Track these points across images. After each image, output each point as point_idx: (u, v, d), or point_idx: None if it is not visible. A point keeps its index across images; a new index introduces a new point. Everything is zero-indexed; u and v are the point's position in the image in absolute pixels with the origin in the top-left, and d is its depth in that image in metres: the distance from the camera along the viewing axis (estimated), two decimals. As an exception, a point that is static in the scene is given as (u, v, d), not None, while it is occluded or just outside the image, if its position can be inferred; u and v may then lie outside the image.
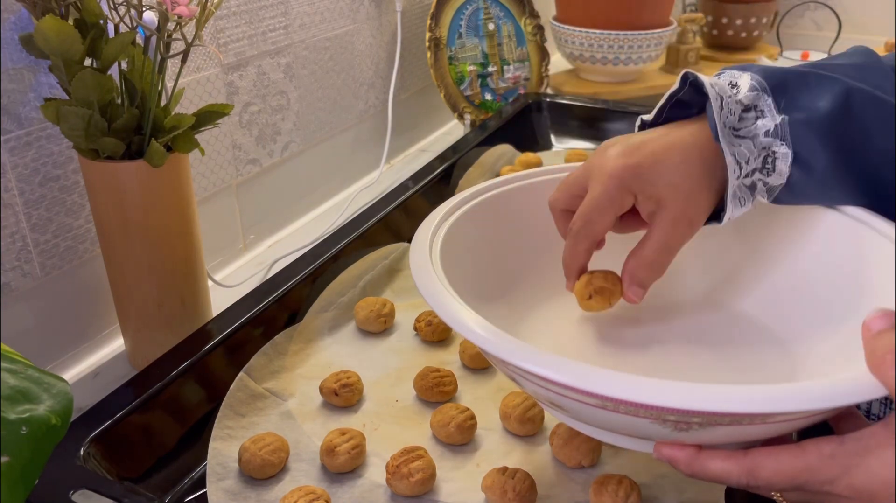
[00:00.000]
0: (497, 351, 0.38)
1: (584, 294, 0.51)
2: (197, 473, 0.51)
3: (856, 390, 0.34)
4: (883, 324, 0.35)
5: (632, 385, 0.34)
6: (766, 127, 0.46)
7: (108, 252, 0.62)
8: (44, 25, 0.51)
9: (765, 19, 1.41)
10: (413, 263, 0.46)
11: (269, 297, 0.62)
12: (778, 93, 0.46)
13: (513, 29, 1.18)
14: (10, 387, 0.35)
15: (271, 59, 0.84)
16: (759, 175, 0.46)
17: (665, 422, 0.36)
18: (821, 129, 0.45)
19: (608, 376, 0.35)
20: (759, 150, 0.46)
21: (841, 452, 0.35)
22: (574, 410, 0.40)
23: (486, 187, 0.55)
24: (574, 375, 0.35)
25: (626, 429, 0.39)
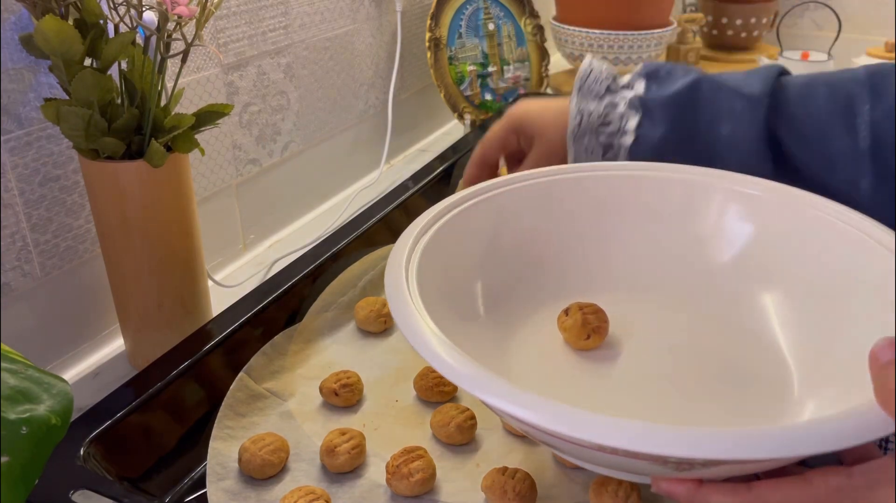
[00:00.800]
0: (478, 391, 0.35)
1: (581, 334, 0.50)
2: (197, 473, 0.51)
3: (866, 428, 0.32)
4: (891, 355, 0.33)
5: (630, 433, 0.32)
6: (626, 97, 0.60)
7: (108, 252, 0.62)
8: (44, 25, 0.51)
9: (765, 19, 1.41)
10: (388, 284, 0.43)
11: (269, 297, 0.63)
12: (650, 77, 0.61)
13: (513, 29, 1.18)
14: (10, 387, 0.35)
15: (271, 59, 0.84)
16: (615, 137, 0.60)
17: (666, 464, 0.34)
18: (668, 104, 0.58)
19: (605, 424, 0.33)
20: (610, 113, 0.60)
21: (849, 485, 0.34)
22: (567, 450, 0.38)
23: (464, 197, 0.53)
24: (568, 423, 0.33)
25: (624, 467, 0.38)
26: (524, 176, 0.56)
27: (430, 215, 0.50)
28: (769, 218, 0.52)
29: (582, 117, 0.60)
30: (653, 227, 0.56)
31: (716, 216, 0.55)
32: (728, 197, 0.54)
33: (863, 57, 1.30)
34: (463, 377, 0.36)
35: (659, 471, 0.35)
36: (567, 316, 0.51)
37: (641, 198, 0.56)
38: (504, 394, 0.35)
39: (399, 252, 0.46)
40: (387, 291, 0.43)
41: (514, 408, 0.34)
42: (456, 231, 0.51)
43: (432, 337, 0.39)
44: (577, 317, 0.50)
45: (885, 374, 0.33)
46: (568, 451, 0.39)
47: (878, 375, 0.33)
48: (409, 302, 0.41)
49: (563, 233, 0.56)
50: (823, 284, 0.48)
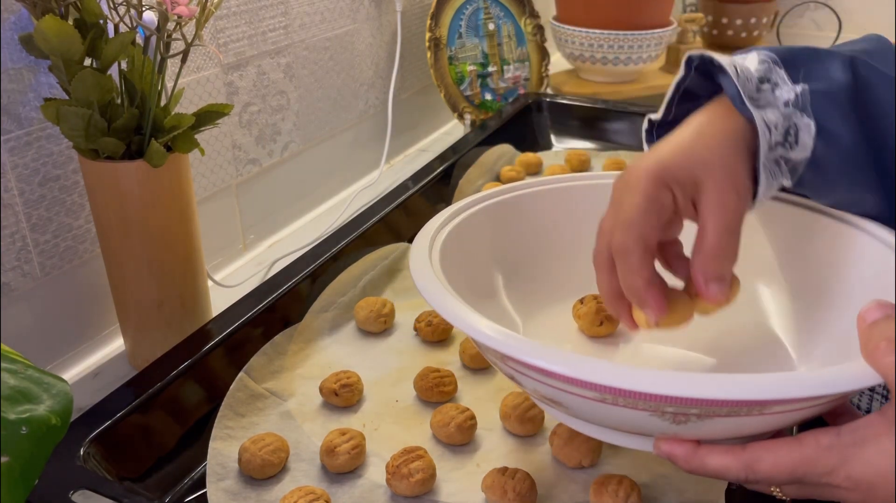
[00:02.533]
0: (495, 345, 0.38)
1: (595, 321, 0.53)
2: (197, 473, 0.51)
3: (851, 378, 0.34)
4: (878, 314, 0.36)
5: (628, 374, 0.35)
6: (785, 97, 0.43)
7: (108, 252, 0.62)
8: (44, 25, 0.51)
9: (765, 19, 1.41)
10: (413, 265, 0.46)
11: (269, 297, 0.62)
12: (790, 66, 0.44)
13: (513, 29, 1.18)
14: (10, 387, 0.35)
15: (271, 59, 0.84)
16: (781, 150, 0.43)
17: (664, 415, 0.36)
18: (841, 98, 0.43)
19: (605, 366, 0.35)
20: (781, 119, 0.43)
21: (838, 443, 0.35)
22: (572, 406, 0.40)
23: (483, 197, 0.55)
24: (571, 366, 0.36)
25: (625, 423, 0.39)
26: (540, 181, 0.58)
27: (449, 212, 0.53)
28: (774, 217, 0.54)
29: (770, 132, 0.43)
30: None
31: None
32: None
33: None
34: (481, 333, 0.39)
35: (658, 424, 0.37)
36: (582, 304, 0.54)
37: None
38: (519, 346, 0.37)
39: (421, 245, 0.48)
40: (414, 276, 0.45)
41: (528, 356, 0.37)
42: (474, 228, 0.53)
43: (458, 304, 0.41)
44: (591, 305, 0.53)
45: (870, 332, 0.35)
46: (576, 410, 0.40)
47: (864, 333, 0.36)
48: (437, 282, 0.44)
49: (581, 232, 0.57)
50: (820, 276, 0.50)
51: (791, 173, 0.44)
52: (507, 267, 0.55)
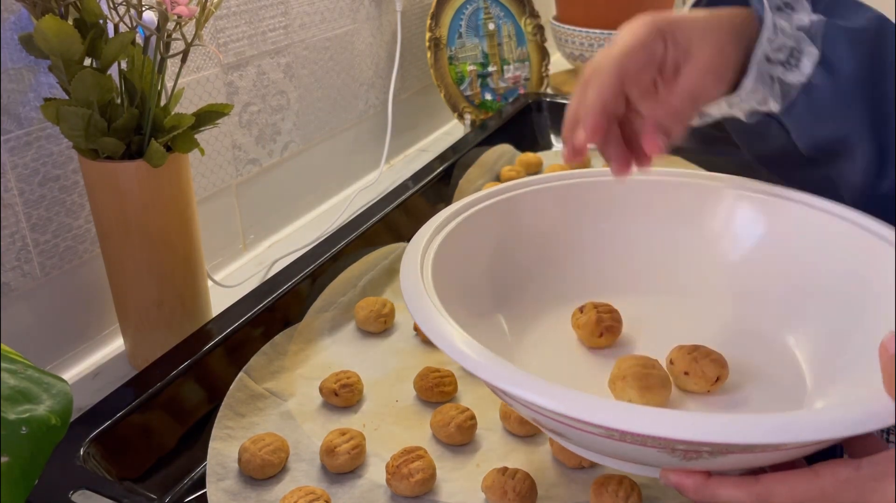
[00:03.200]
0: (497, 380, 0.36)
1: (595, 332, 0.51)
2: (197, 473, 0.51)
3: (874, 417, 0.32)
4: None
5: (639, 416, 0.33)
6: (799, 22, 0.45)
7: (108, 252, 0.62)
8: (44, 25, 0.51)
9: (765, 19, 1.41)
10: (404, 280, 0.44)
11: (269, 297, 0.62)
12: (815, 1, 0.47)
13: (513, 29, 1.18)
14: (10, 387, 0.35)
15: (271, 59, 0.84)
16: (780, 69, 0.45)
17: (674, 452, 0.35)
18: (853, 38, 0.44)
19: (614, 408, 0.33)
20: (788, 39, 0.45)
21: (857, 477, 0.33)
22: (577, 439, 0.39)
23: (482, 197, 0.54)
24: (578, 406, 0.34)
25: (633, 457, 0.38)
26: (539, 179, 0.57)
27: (446, 213, 0.51)
28: (778, 220, 0.53)
29: (776, 34, 0.45)
30: (666, 230, 0.56)
31: (726, 219, 0.55)
32: (738, 200, 0.55)
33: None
34: (479, 365, 0.37)
35: (667, 460, 0.36)
36: (581, 313, 0.52)
37: (655, 201, 0.57)
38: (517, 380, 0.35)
39: (414, 249, 0.47)
40: (402, 286, 0.43)
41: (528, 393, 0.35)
42: (472, 230, 0.52)
43: (449, 327, 0.39)
44: (591, 314, 0.51)
45: (894, 364, 0.33)
46: (578, 441, 0.39)
47: (887, 366, 0.33)
48: (424, 295, 0.42)
49: (579, 234, 0.56)
50: (832, 284, 0.49)
51: (783, 96, 0.45)
52: (504, 272, 0.54)
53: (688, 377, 0.46)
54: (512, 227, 0.55)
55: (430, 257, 0.47)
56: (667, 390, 0.45)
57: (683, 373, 0.46)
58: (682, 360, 0.47)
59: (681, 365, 0.46)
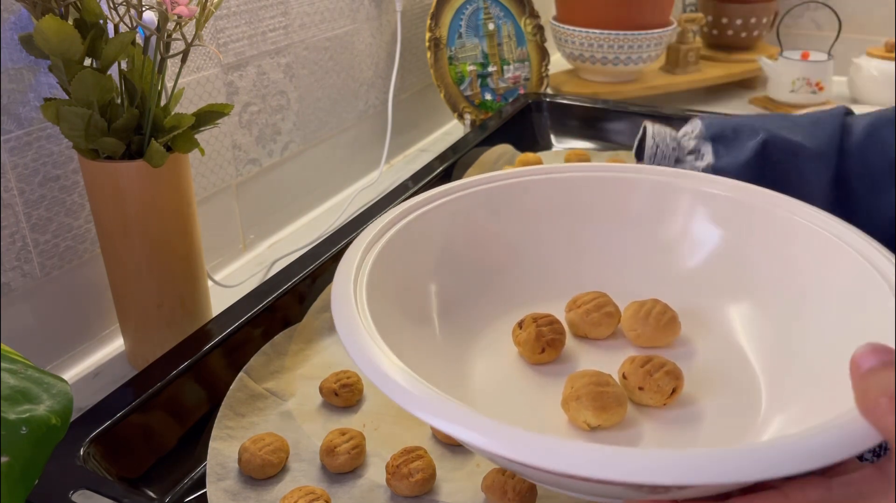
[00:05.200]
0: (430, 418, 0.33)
1: (535, 349, 0.48)
2: (197, 473, 0.51)
3: (850, 441, 0.30)
4: (874, 361, 0.31)
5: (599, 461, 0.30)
6: (699, 167, 0.61)
7: (108, 252, 0.62)
8: (44, 25, 0.51)
9: (765, 19, 1.41)
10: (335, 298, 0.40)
11: (269, 297, 0.62)
12: (716, 140, 0.61)
13: (513, 29, 1.18)
14: (10, 387, 0.35)
15: (271, 59, 0.84)
16: None
17: (640, 488, 0.32)
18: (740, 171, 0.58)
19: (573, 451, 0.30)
20: None
21: (829, 499, 0.32)
22: (535, 478, 0.37)
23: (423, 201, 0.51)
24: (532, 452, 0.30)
25: (595, 492, 0.35)
26: (481, 180, 0.54)
27: (383, 222, 0.48)
28: (739, 221, 0.51)
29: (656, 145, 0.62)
30: (617, 231, 0.54)
31: (684, 219, 0.53)
32: (696, 198, 0.53)
33: (863, 57, 1.30)
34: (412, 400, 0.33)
35: (632, 495, 0.34)
36: (521, 329, 0.49)
37: (605, 200, 0.54)
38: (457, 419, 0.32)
39: (349, 261, 0.44)
40: (332, 306, 0.40)
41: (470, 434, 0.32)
42: (411, 238, 0.49)
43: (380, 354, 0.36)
44: (530, 330, 0.48)
45: (867, 382, 0.31)
46: (531, 477, 0.37)
47: (860, 384, 0.31)
48: (357, 318, 0.39)
49: (523, 237, 0.54)
50: (793, 289, 0.47)
51: None
52: (448, 279, 0.50)
53: (643, 392, 0.44)
54: (453, 233, 0.52)
55: (366, 271, 0.44)
56: (623, 408, 0.43)
57: (638, 389, 0.44)
58: (635, 375, 0.44)
59: (634, 379, 0.44)
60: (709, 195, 0.53)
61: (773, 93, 1.29)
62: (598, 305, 0.50)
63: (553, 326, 0.49)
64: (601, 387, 0.42)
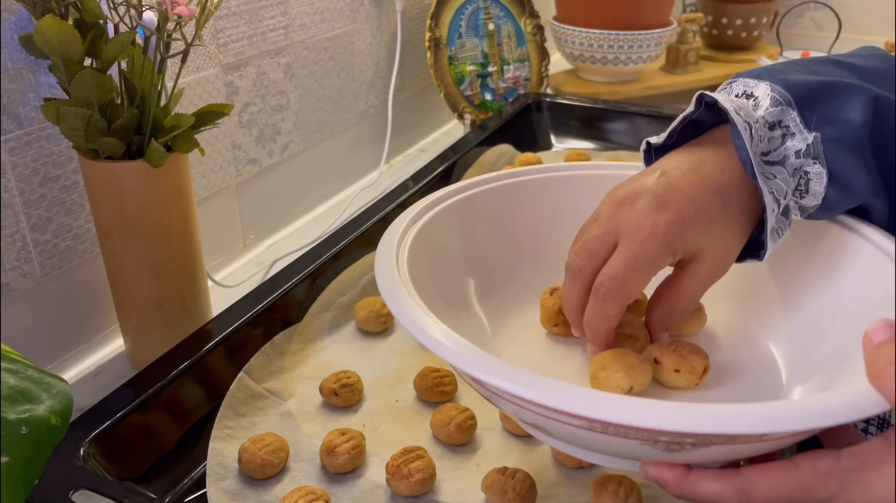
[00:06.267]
0: (473, 369, 0.35)
1: (551, 321, 0.50)
2: (197, 473, 0.51)
3: (857, 406, 0.32)
4: (885, 335, 0.34)
5: (622, 406, 0.32)
6: (796, 147, 0.42)
7: (108, 252, 0.62)
8: (44, 25, 0.51)
9: (765, 19, 1.41)
10: (378, 268, 0.43)
11: (269, 297, 0.62)
12: (804, 106, 0.43)
13: (513, 29, 1.18)
14: (10, 387, 0.35)
15: (271, 59, 0.84)
16: (792, 199, 0.43)
17: (657, 444, 0.34)
18: (855, 144, 0.42)
19: (595, 398, 0.33)
20: (791, 173, 0.42)
21: (838, 468, 0.33)
22: (557, 431, 0.38)
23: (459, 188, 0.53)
24: (558, 397, 0.33)
25: (614, 450, 0.37)
26: (523, 171, 0.56)
27: (422, 205, 0.51)
28: None
29: (779, 204, 0.42)
30: None
31: None
32: None
33: (863, 57, 1.30)
34: (454, 354, 0.36)
35: (649, 452, 0.35)
36: (550, 295, 0.51)
37: None
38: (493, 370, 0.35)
39: (389, 241, 0.46)
40: (378, 278, 0.43)
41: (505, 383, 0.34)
42: (448, 222, 0.51)
43: (426, 317, 0.39)
44: (557, 301, 0.49)
45: (878, 354, 0.33)
46: (557, 433, 0.38)
47: (871, 355, 0.33)
48: (401, 288, 0.42)
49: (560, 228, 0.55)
50: (807, 276, 0.49)
51: (801, 213, 0.44)
52: (482, 265, 0.53)
53: (679, 374, 0.45)
54: (491, 220, 0.54)
55: (406, 249, 0.46)
56: (649, 370, 0.45)
57: (674, 371, 0.45)
58: (669, 358, 0.45)
59: (669, 363, 0.45)
60: None
61: (773, 93, 1.28)
62: None
63: None
64: (624, 356, 0.44)
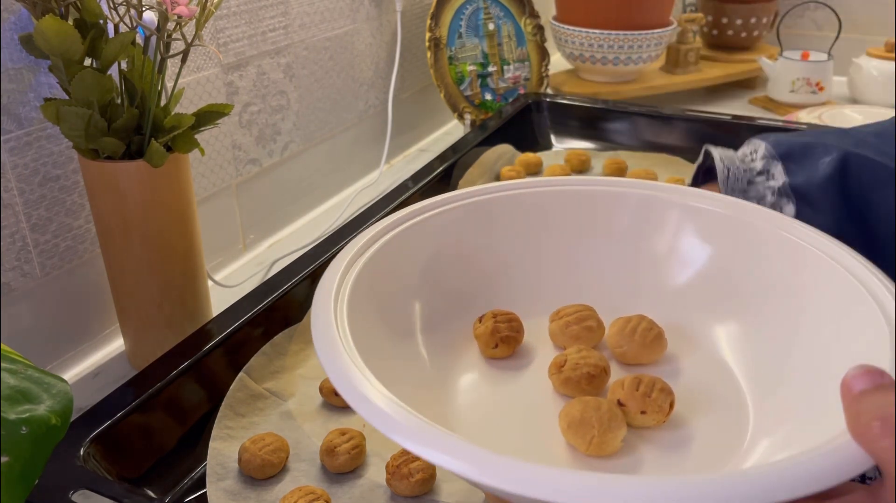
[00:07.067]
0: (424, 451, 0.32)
1: (490, 342, 0.48)
2: (197, 473, 0.51)
3: (842, 466, 0.29)
4: (866, 384, 0.31)
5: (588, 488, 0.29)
6: (773, 187, 0.56)
7: (108, 252, 0.62)
8: (44, 25, 0.51)
9: (765, 19, 1.41)
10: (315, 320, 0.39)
11: (269, 297, 0.62)
12: (786, 159, 0.56)
13: (513, 29, 1.18)
14: (10, 387, 0.35)
15: (271, 59, 0.84)
16: None
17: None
18: (820, 189, 0.53)
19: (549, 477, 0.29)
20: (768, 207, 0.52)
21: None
22: None
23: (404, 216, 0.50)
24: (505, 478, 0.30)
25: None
26: (466, 193, 0.53)
27: (365, 237, 0.48)
28: (727, 238, 0.50)
29: None
30: (604, 246, 0.53)
31: (672, 235, 0.52)
32: (685, 213, 0.52)
33: (863, 57, 1.30)
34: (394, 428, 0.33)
35: None
36: (480, 323, 0.49)
37: (593, 214, 0.53)
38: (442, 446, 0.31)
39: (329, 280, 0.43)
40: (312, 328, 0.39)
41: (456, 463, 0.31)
42: (393, 253, 0.48)
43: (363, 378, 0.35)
44: (488, 324, 0.48)
45: (860, 405, 0.30)
46: None
47: (851, 407, 0.31)
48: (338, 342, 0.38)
49: (510, 251, 0.53)
50: (782, 309, 0.46)
51: None
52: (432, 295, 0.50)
53: (645, 415, 0.43)
54: (437, 248, 0.51)
55: (350, 279, 0.43)
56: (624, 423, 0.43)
57: (640, 413, 0.43)
58: (633, 400, 0.43)
59: (634, 405, 0.43)
60: (697, 210, 0.51)
61: (773, 93, 1.29)
62: (579, 318, 0.49)
63: (511, 324, 0.49)
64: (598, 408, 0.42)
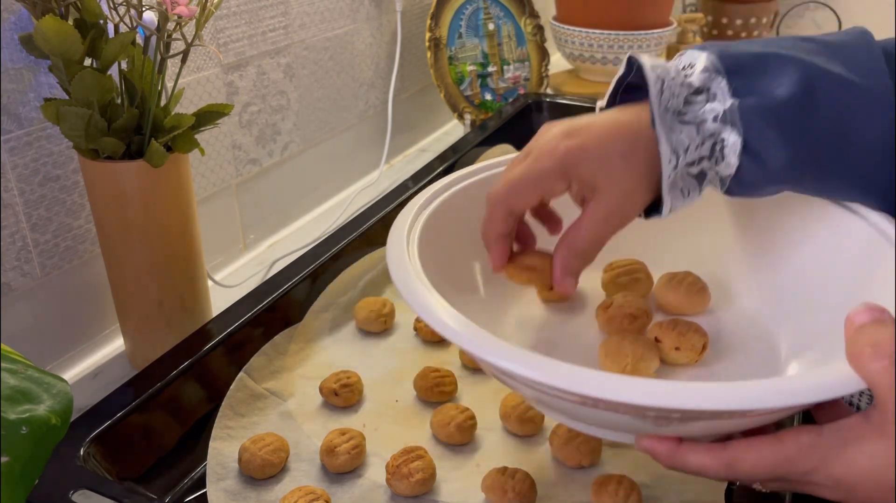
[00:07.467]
0: (473, 348, 0.37)
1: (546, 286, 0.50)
2: (197, 473, 0.51)
3: (835, 385, 0.34)
4: (866, 318, 0.35)
5: (607, 384, 0.34)
6: (714, 111, 0.41)
7: (108, 252, 0.62)
8: (44, 25, 0.51)
9: (765, 19, 1.41)
10: (390, 255, 0.45)
11: (269, 297, 0.62)
12: (733, 75, 0.42)
13: (513, 29, 1.18)
14: (10, 387, 0.35)
15: (271, 59, 0.84)
16: (707, 163, 0.42)
17: (645, 418, 0.36)
18: (776, 117, 0.41)
19: (584, 375, 0.35)
20: (704, 137, 0.42)
21: (819, 443, 0.35)
22: (556, 406, 0.40)
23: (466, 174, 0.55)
24: (548, 373, 0.35)
25: (608, 423, 0.39)
26: None
27: (431, 191, 0.52)
28: None
29: (678, 157, 0.42)
30: None
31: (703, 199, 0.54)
32: None
33: (863, 57, 1.30)
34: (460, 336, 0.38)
35: (640, 426, 0.37)
36: None
37: None
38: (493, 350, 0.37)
39: (400, 226, 0.47)
40: (388, 260, 0.44)
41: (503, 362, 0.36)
42: (457, 207, 0.52)
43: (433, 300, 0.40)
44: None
45: (856, 336, 0.35)
46: (559, 409, 0.41)
47: (851, 337, 0.35)
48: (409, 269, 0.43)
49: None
50: (803, 258, 0.50)
51: (720, 183, 0.43)
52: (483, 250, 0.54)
53: (679, 352, 0.48)
54: None
55: (415, 240, 0.47)
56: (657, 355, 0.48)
57: (675, 349, 0.48)
58: (668, 337, 0.48)
59: (669, 341, 0.48)
60: None
61: (773, 93, 1.28)
62: (629, 271, 0.54)
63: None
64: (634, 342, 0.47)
